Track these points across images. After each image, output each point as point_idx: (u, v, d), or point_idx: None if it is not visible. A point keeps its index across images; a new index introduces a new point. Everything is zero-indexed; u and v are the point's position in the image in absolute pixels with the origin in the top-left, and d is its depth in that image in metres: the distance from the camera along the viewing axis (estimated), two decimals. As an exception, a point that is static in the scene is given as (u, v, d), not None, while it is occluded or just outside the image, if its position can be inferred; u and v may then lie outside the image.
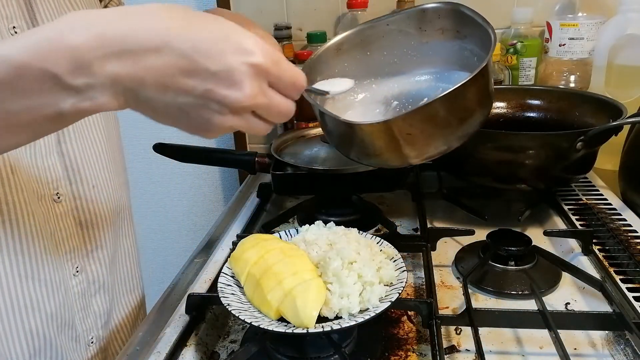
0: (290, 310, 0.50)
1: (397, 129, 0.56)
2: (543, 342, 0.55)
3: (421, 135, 0.57)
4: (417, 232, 0.79)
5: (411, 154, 0.59)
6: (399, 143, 0.57)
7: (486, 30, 0.59)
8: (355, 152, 0.62)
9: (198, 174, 1.38)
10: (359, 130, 0.58)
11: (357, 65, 0.71)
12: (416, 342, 0.56)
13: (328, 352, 0.53)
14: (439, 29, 0.67)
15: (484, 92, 0.60)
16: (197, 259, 0.76)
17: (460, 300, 0.62)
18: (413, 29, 0.69)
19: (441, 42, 0.68)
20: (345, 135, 0.62)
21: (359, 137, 0.59)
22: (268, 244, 0.57)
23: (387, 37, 0.70)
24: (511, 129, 0.85)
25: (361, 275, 0.53)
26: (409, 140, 0.57)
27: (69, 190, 0.61)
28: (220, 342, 0.59)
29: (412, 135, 0.56)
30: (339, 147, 0.65)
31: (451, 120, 0.58)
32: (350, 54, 0.71)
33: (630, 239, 0.70)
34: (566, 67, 0.98)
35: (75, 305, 0.63)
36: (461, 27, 0.65)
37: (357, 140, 0.60)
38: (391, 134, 0.56)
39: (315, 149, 0.83)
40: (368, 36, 0.70)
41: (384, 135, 0.57)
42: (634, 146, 0.80)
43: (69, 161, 0.61)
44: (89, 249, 0.64)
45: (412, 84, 0.71)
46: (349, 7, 1.05)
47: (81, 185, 0.62)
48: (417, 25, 0.68)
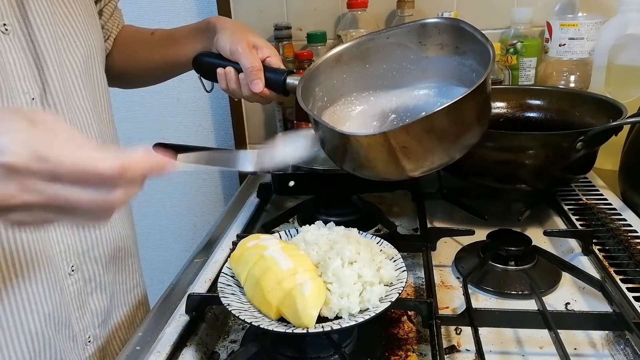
0: (290, 310, 0.50)
1: (394, 141, 0.56)
2: (543, 342, 0.55)
3: (418, 149, 0.57)
4: (417, 232, 0.79)
5: (407, 167, 0.59)
6: (395, 156, 0.57)
7: (485, 47, 0.60)
8: (351, 164, 0.62)
9: (198, 174, 1.38)
10: (355, 142, 0.58)
11: (355, 77, 0.71)
12: (416, 342, 0.56)
13: (328, 352, 0.53)
14: (439, 44, 0.68)
15: (482, 108, 0.61)
16: (197, 259, 0.76)
17: (460, 300, 0.62)
18: (413, 43, 0.69)
19: (440, 57, 0.68)
20: (340, 147, 0.61)
21: (355, 148, 0.59)
22: (268, 243, 0.57)
23: (387, 50, 0.70)
24: (511, 129, 0.85)
25: (361, 275, 0.53)
26: (405, 153, 0.57)
27: None
28: (220, 342, 0.59)
29: (408, 148, 0.56)
30: (334, 158, 0.65)
31: (448, 134, 0.58)
32: (349, 66, 0.71)
33: (630, 239, 0.70)
34: (566, 67, 0.98)
35: (71, 304, 0.63)
36: (460, 43, 0.66)
37: (352, 151, 0.59)
38: (388, 146, 0.56)
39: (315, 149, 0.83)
40: (368, 49, 0.70)
41: (380, 147, 0.57)
42: (634, 146, 0.80)
43: None
44: (85, 248, 0.64)
45: (411, 98, 0.70)
46: (349, 7, 1.05)
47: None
48: (417, 40, 0.69)
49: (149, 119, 1.34)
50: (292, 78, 0.69)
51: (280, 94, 0.71)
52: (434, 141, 0.57)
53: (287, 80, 0.70)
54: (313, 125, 0.63)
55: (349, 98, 0.72)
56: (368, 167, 0.60)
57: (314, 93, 0.69)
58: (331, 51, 0.70)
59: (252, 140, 1.27)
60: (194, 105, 1.32)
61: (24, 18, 0.56)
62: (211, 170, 1.36)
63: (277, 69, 0.71)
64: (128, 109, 1.32)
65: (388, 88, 0.72)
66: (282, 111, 1.14)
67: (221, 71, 0.72)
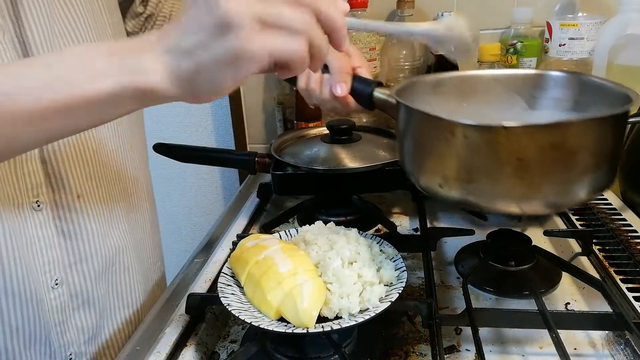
0: (290, 310, 0.50)
1: (511, 144, 0.46)
2: (543, 342, 0.55)
3: (536, 166, 0.46)
4: (417, 232, 0.79)
5: (514, 190, 0.48)
6: (504, 169, 0.47)
7: (621, 93, 0.52)
8: (440, 172, 0.52)
9: (198, 174, 1.38)
10: (462, 135, 0.48)
11: (447, 111, 0.63)
12: (416, 342, 0.56)
13: (328, 352, 0.53)
14: (554, 99, 0.61)
15: (620, 144, 0.50)
16: (197, 259, 0.76)
17: (460, 300, 0.62)
18: (523, 93, 0.62)
19: (550, 113, 0.61)
20: (436, 145, 0.51)
21: (460, 144, 0.48)
22: (268, 243, 0.57)
23: (491, 94, 0.63)
24: (511, 128, 0.84)
25: (361, 275, 0.53)
26: (519, 168, 0.47)
27: (51, 198, 0.57)
28: (220, 342, 0.59)
29: (524, 161, 0.46)
30: (421, 164, 0.55)
31: (579, 159, 0.47)
32: (445, 97, 0.64)
33: (630, 239, 0.70)
34: (566, 67, 0.98)
35: (51, 319, 0.59)
36: (583, 97, 0.59)
37: (453, 151, 0.49)
38: (500, 150, 0.46)
39: (315, 149, 0.83)
40: (471, 86, 0.64)
41: (490, 148, 0.47)
42: (634, 146, 0.80)
43: (52, 168, 0.57)
44: (72, 260, 0.60)
45: None
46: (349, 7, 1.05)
47: (64, 193, 0.58)
48: (529, 91, 0.62)
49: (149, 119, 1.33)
50: (381, 91, 0.62)
51: (364, 106, 0.64)
52: (559, 163, 0.46)
53: (374, 93, 0.62)
54: (400, 121, 0.56)
55: None
56: (462, 180, 0.50)
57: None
58: (432, 74, 0.64)
59: (252, 140, 1.27)
60: (194, 105, 1.31)
61: (17, 17, 0.53)
62: (211, 170, 1.36)
63: (366, 79, 0.65)
64: (128, 109, 1.32)
65: None
66: (282, 111, 1.13)
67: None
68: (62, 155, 0.58)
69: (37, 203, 0.56)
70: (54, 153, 0.57)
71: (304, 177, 0.80)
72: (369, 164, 0.77)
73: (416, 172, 0.56)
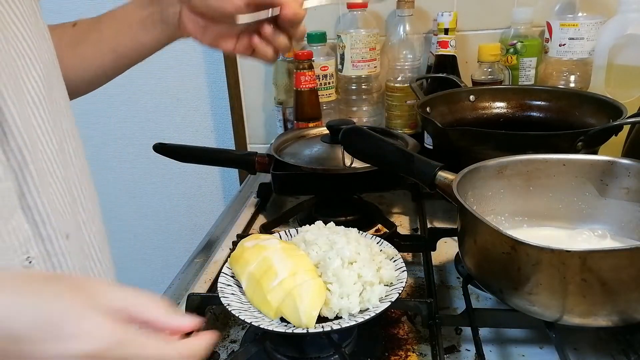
0: (290, 310, 0.50)
1: (577, 266, 0.45)
2: (543, 342, 0.55)
3: (598, 289, 0.46)
4: (417, 232, 0.79)
5: (576, 306, 0.48)
6: (567, 287, 0.47)
7: None
8: (504, 284, 0.52)
9: (198, 174, 1.38)
10: (524, 253, 0.47)
11: (514, 196, 0.63)
12: (416, 342, 0.56)
13: (328, 352, 0.53)
14: (625, 188, 0.60)
15: None
16: (197, 259, 0.76)
17: (460, 300, 0.62)
18: (593, 179, 0.62)
19: (621, 202, 0.60)
20: (497, 257, 0.51)
21: (522, 261, 0.48)
22: (268, 244, 0.57)
23: (559, 179, 0.63)
24: (511, 129, 0.84)
25: (361, 275, 0.53)
26: (581, 288, 0.46)
27: (42, 249, 0.49)
28: (220, 342, 0.59)
29: (588, 282, 0.45)
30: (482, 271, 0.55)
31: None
32: (510, 181, 0.63)
33: (630, 239, 0.70)
34: (566, 67, 0.98)
35: None
36: None
37: (514, 265, 0.48)
38: (566, 271, 0.46)
39: (315, 149, 0.83)
40: (537, 169, 0.63)
41: (554, 268, 0.46)
42: (634, 146, 0.80)
43: (38, 214, 0.48)
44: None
45: (570, 239, 0.62)
46: (349, 7, 1.05)
47: (55, 238, 0.50)
48: (599, 177, 0.61)
49: (149, 119, 1.34)
50: (444, 174, 0.60)
51: (425, 185, 0.62)
52: (624, 285, 0.46)
53: (437, 175, 0.60)
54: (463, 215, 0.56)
55: (500, 217, 0.64)
56: (524, 292, 0.49)
57: (466, 196, 0.60)
58: (496, 159, 0.63)
59: (252, 140, 1.27)
60: (194, 105, 1.32)
61: None
62: (211, 170, 1.37)
63: (429, 162, 0.62)
64: (128, 109, 1.32)
65: (547, 220, 0.64)
66: (282, 111, 1.14)
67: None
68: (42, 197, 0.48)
69: (28, 260, 0.48)
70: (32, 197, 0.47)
71: (304, 177, 0.80)
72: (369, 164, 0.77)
73: (476, 272, 0.56)
